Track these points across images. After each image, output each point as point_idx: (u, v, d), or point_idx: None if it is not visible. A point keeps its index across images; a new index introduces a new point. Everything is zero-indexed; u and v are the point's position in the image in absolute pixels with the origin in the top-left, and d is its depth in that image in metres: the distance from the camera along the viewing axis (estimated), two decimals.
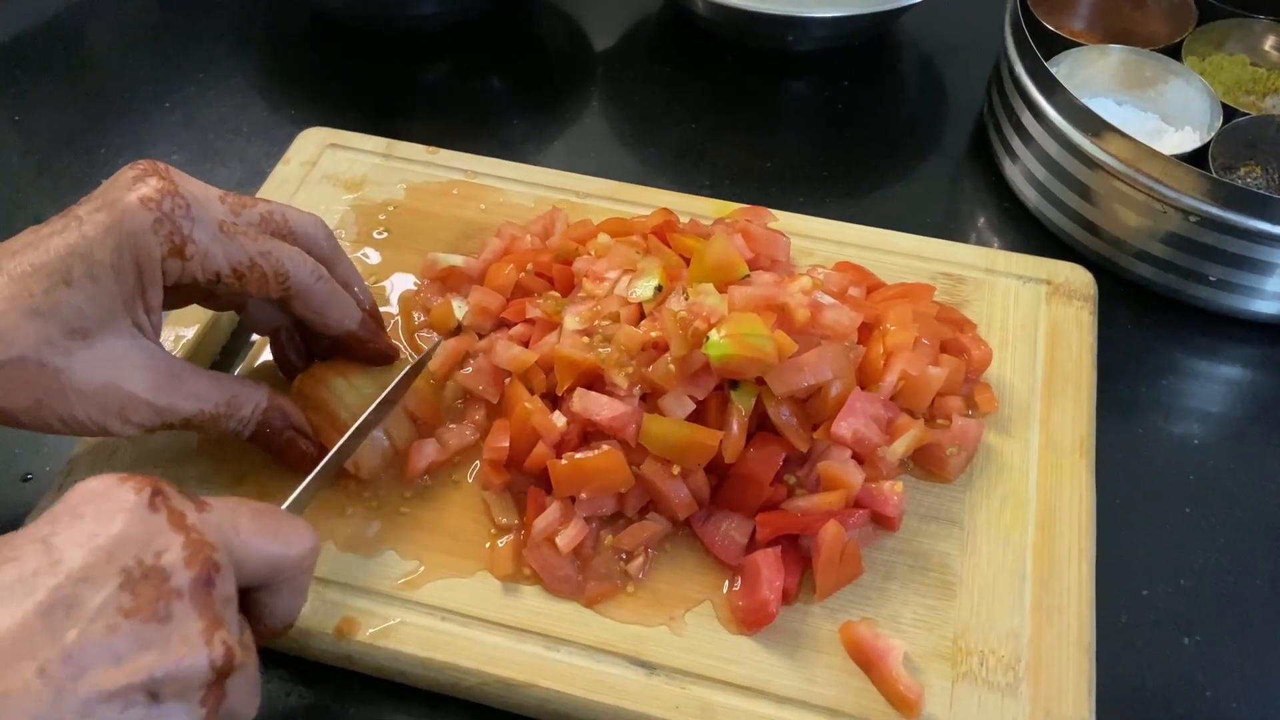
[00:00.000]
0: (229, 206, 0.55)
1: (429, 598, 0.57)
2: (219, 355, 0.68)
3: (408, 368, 0.62)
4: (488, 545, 0.59)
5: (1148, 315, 0.76)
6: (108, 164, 0.84)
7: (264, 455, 0.60)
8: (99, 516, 0.40)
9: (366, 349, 0.62)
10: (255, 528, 0.45)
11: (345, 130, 0.80)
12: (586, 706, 0.54)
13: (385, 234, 0.74)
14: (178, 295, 0.58)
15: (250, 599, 0.47)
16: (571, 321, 0.61)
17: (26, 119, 0.88)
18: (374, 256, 0.73)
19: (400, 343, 0.68)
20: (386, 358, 0.63)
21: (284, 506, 0.52)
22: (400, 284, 0.72)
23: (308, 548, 0.48)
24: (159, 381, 0.54)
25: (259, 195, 0.75)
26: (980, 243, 0.79)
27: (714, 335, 0.56)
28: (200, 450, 0.63)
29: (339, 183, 0.77)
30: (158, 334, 0.55)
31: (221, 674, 0.40)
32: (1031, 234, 0.81)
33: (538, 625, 0.56)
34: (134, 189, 0.51)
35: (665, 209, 0.72)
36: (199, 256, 0.53)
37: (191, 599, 0.40)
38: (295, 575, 0.48)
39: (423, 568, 0.58)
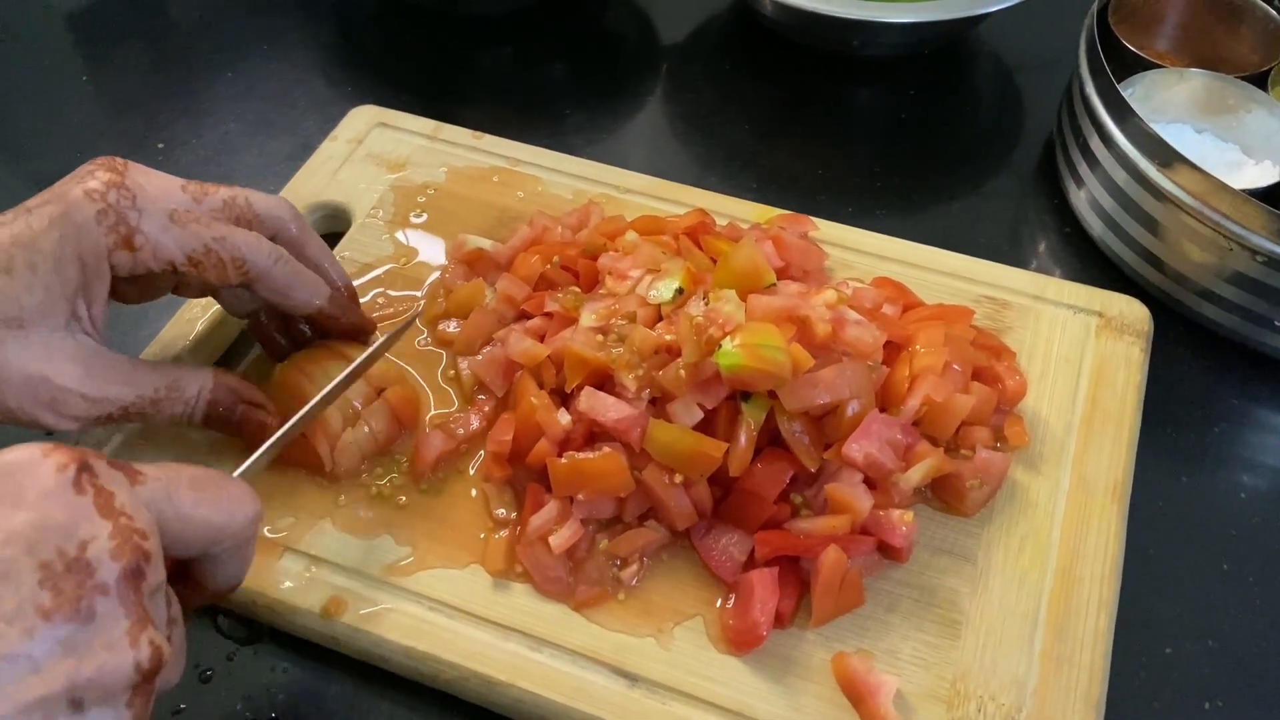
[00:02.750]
0: (190, 195, 0.55)
1: (419, 586, 0.56)
2: (228, 350, 0.68)
3: (381, 339, 0.61)
4: (483, 538, 0.58)
5: (1206, 357, 0.71)
6: (165, 129, 0.86)
7: None
8: (19, 498, 0.36)
9: (339, 325, 0.61)
10: (194, 499, 0.42)
11: (398, 110, 0.80)
12: (564, 713, 0.53)
13: (423, 216, 0.74)
14: (144, 287, 0.58)
15: (191, 566, 0.45)
16: (588, 318, 0.60)
17: (95, 79, 0.90)
18: (409, 237, 0.73)
19: (422, 328, 0.67)
20: (361, 332, 0.62)
21: (236, 474, 0.49)
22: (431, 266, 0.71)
23: (249, 515, 0.45)
24: (91, 373, 0.53)
25: (303, 170, 0.76)
26: (1038, 270, 0.76)
27: (727, 344, 0.55)
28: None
29: (382, 162, 0.77)
30: (98, 327, 0.54)
31: (148, 675, 0.37)
32: (1092, 264, 0.77)
33: (523, 624, 0.55)
34: (82, 182, 0.52)
35: (700, 209, 0.70)
36: (149, 247, 0.53)
37: (118, 595, 0.37)
38: (237, 543, 0.45)
39: (416, 555, 0.58)
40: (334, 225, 0.75)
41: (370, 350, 0.59)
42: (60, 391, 0.52)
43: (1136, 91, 0.77)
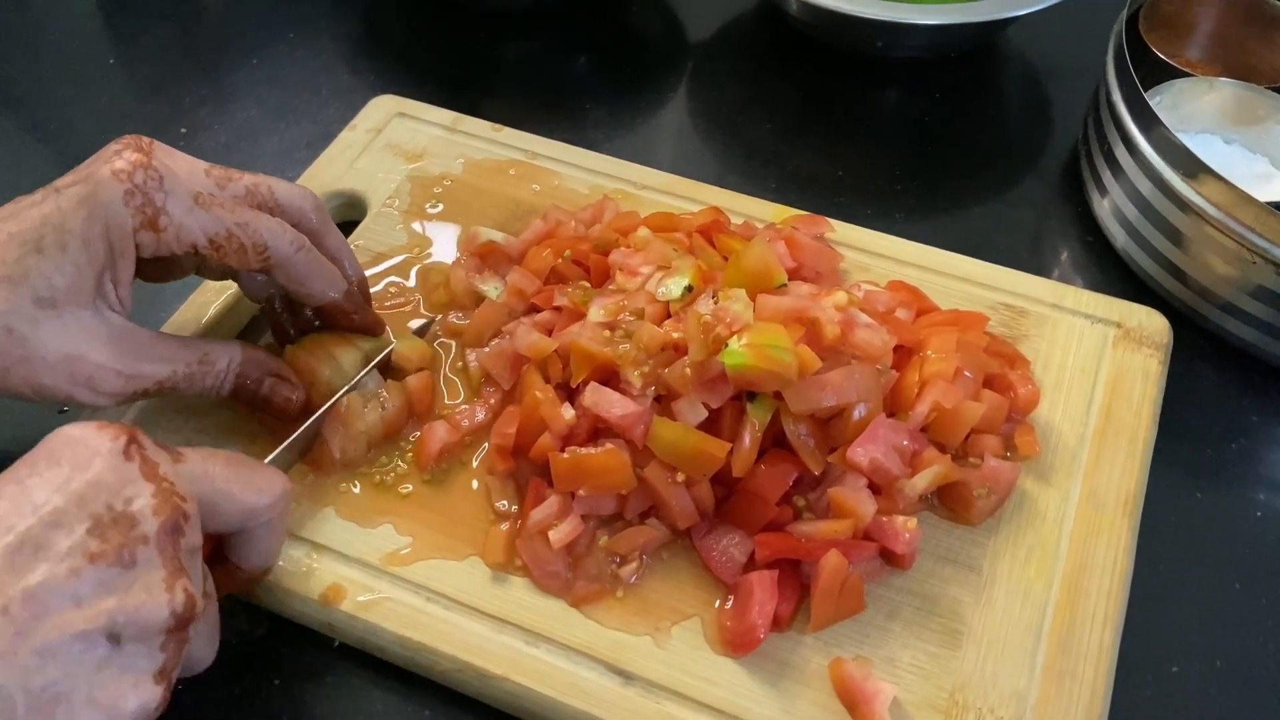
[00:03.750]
0: (214, 180, 0.56)
1: (418, 576, 0.56)
2: (239, 334, 0.68)
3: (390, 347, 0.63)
4: (484, 531, 0.58)
5: (1226, 372, 0.70)
6: (189, 113, 0.86)
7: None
8: (74, 462, 0.41)
9: (350, 320, 0.62)
10: (228, 476, 0.47)
11: (420, 101, 0.80)
12: (557, 708, 0.52)
13: (439, 207, 0.74)
14: (166, 267, 0.58)
15: (227, 544, 0.49)
16: (596, 313, 0.60)
17: (122, 62, 0.91)
18: (424, 228, 0.73)
19: (425, 315, 0.68)
20: (370, 330, 0.63)
21: (267, 461, 0.52)
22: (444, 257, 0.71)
23: (279, 494, 0.49)
24: (123, 351, 0.54)
25: (321, 158, 0.76)
26: (1059, 279, 0.74)
27: (733, 343, 0.54)
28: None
29: (400, 152, 0.77)
30: (125, 307, 0.55)
31: (182, 621, 0.41)
32: (1113, 274, 0.76)
33: (520, 618, 0.55)
34: (109, 162, 0.53)
35: (715, 207, 0.70)
36: (173, 228, 0.53)
37: (157, 547, 0.41)
38: (269, 521, 0.49)
39: (416, 545, 0.58)
40: (350, 214, 0.75)
41: (389, 349, 0.61)
42: (96, 369, 0.53)
43: (1164, 100, 0.76)
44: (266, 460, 0.53)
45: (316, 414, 0.58)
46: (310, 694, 0.56)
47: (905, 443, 0.57)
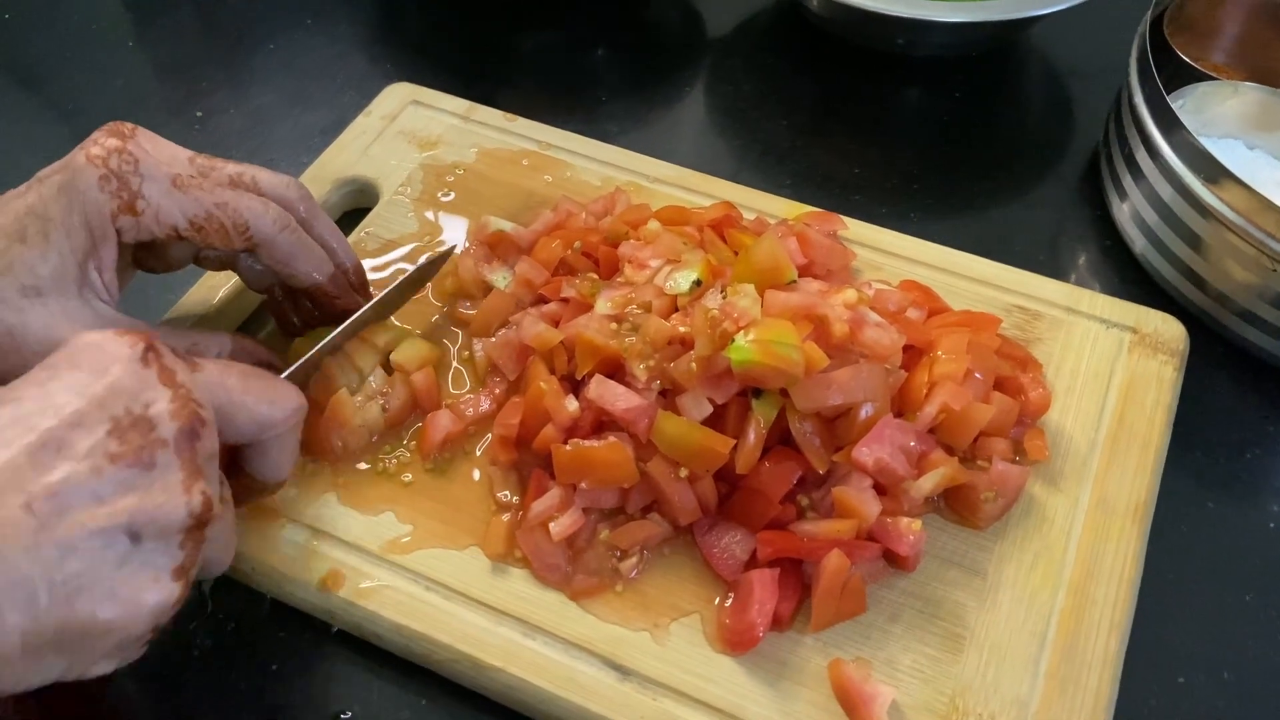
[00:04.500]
0: (197, 167, 0.56)
1: (417, 565, 0.56)
2: (243, 323, 0.68)
3: (408, 273, 0.63)
4: (485, 521, 0.58)
5: (1243, 381, 0.69)
6: (205, 97, 0.86)
7: None
8: (94, 367, 0.42)
9: (335, 304, 0.61)
10: (244, 387, 0.48)
11: (436, 90, 0.80)
12: (552, 701, 0.52)
13: (450, 195, 0.74)
14: (162, 257, 0.58)
15: (241, 455, 0.51)
16: (603, 306, 0.59)
17: (141, 45, 0.91)
18: (435, 216, 0.73)
19: (434, 302, 0.67)
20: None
21: (284, 375, 0.54)
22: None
23: (293, 407, 0.50)
24: None
25: (335, 144, 0.76)
26: (1076, 283, 0.73)
27: (740, 339, 0.54)
28: None
29: (414, 140, 0.77)
30: (112, 294, 0.55)
31: (200, 521, 0.43)
32: (1131, 280, 0.75)
33: (518, 610, 0.55)
34: (86, 149, 0.53)
35: (727, 202, 0.69)
36: (150, 210, 0.53)
37: (175, 449, 0.42)
38: (282, 434, 0.50)
39: (416, 533, 0.57)
40: (362, 200, 0.75)
41: (398, 282, 0.62)
42: None
43: (1187, 104, 0.75)
44: (282, 376, 0.54)
45: (337, 330, 0.59)
46: (307, 679, 0.55)
47: (912, 444, 0.56)
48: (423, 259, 0.64)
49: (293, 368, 0.56)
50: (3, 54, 0.91)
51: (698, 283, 0.59)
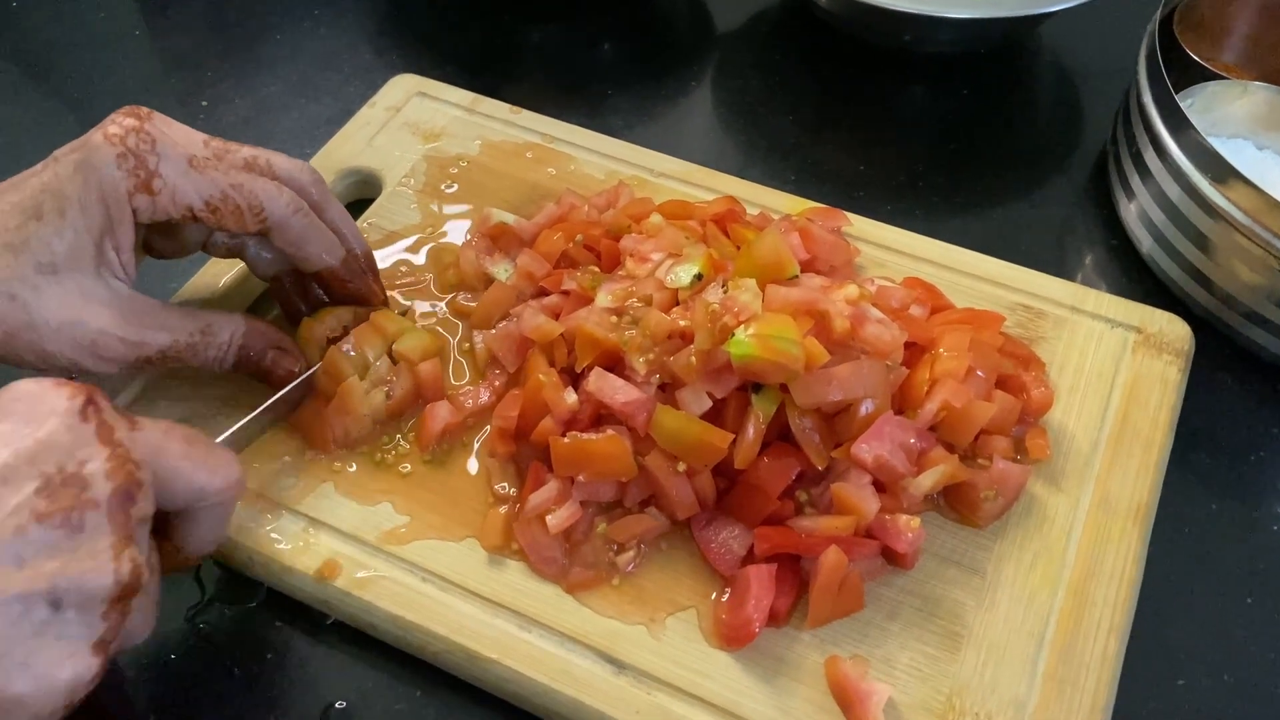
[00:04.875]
0: (212, 150, 0.56)
1: (414, 555, 0.56)
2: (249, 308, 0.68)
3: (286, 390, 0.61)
4: (482, 513, 0.58)
5: (1249, 383, 0.69)
6: (212, 86, 0.86)
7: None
8: (28, 417, 0.40)
9: (346, 288, 0.61)
10: (183, 452, 0.45)
11: (440, 81, 0.80)
12: (546, 694, 0.52)
13: (454, 187, 0.74)
14: (171, 238, 0.58)
15: (170, 524, 0.48)
16: (603, 299, 0.59)
17: (149, 34, 0.91)
18: (438, 208, 0.72)
19: (438, 295, 0.67)
20: (365, 300, 0.62)
21: (219, 440, 0.52)
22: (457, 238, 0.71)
23: (232, 480, 0.48)
24: (127, 317, 0.54)
25: (339, 135, 0.76)
26: (1082, 283, 0.73)
27: (740, 333, 0.53)
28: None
29: (418, 131, 0.77)
30: (129, 273, 0.55)
31: (127, 591, 0.40)
32: (1137, 280, 0.74)
33: (515, 603, 0.54)
34: (104, 128, 0.53)
35: (730, 197, 0.69)
36: (167, 191, 0.53)
37: (108, 513, 0.40)
38: (216, 506, 0.48)
39: (414, 524, 0.57)
40: (365, 191, 0.75)
41: (278, 395, 0.60)
42: (99, 335, 0.53)
43: (1196, 103, 0.74)
44: (220, 439, 0.53)
45: (278, 394, 0.58)
46: (302, 669, 0.55)
47: (912, 441, 0.56)
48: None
49: (230, 430, 0.56)
50: (11, 42, 0.91)
51: (699, 277, 0.58)
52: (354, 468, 0.59)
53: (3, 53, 0.91)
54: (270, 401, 0.58)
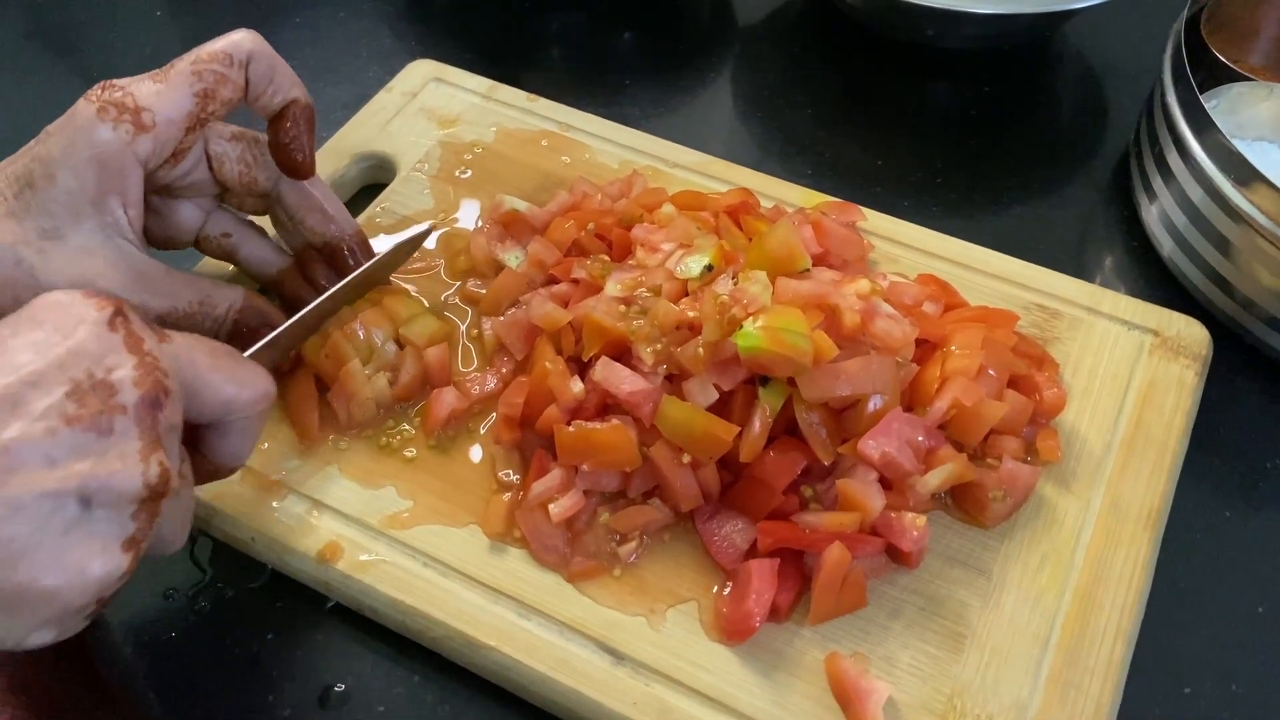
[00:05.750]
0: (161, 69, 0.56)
1: (416, 540, 0.56)
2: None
3: (401, 239, 0.63)
4: (486, 500, 0.57)
5: (1268, 390, 0.67)
6: None
7: None
8: (58, 326, 0.41)
9: (347, 266, 0.62)
10: (212, 364, 0.46)
11: (459, 67, 0.80)
12: (544, 683, 0.52)
13: (468, 174, 0.73)
14: (165, 219, 0.59)
15: (200, 436, 0.48)
16: (612, 287, 0.59)
17: (169, 13, 0.92)
18: (451, 194, 0.72)
19: (448, 282, 0.67)
20: (298, 170, 0.61)
21: (247, 354, 0.52)
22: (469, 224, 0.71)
23: (261, 392, 0.48)
24: (129, 279, 0.54)
25: (355, 119, 0.76)
26: (1100, 284, 0.72)
27: (748, 325, 0.53)
28: None
29: (434, 117, 0.76)
30: (137, 232, 0.55)
31: (155, 493, 0.41)
32: (1157, 283, 0.73)
33: (515, 590, 0.54)
34: (82, 98, 0.54)
35: (744, 189, 0.68)
36: (160, 115, 0.54)
37: (135, 417, 0.41)
38: (246, 418, 0.48)
39: (417, 509, 0.57)
40: (379, 176, 0.75)
41: (380, 256, 0.61)
42: None
43: (1221, 104, 0.73)
44: (247, 353, 0.52)
45: (295, 317, 0.57)
46: (301, 650, 0.55)
47: (920, 438, 0.55)
48: (402, 236, 0.63)
49: (258, 346, 0.54)
50: (33, 20, 0.92)
51: (709, 268, 0.58)
52: (359, 452, 0.59)
53: (25, 31, 0.91)
54: (296, 318, 0.57)
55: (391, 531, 0.56)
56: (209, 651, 0.55)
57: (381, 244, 0.68)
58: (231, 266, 0.65)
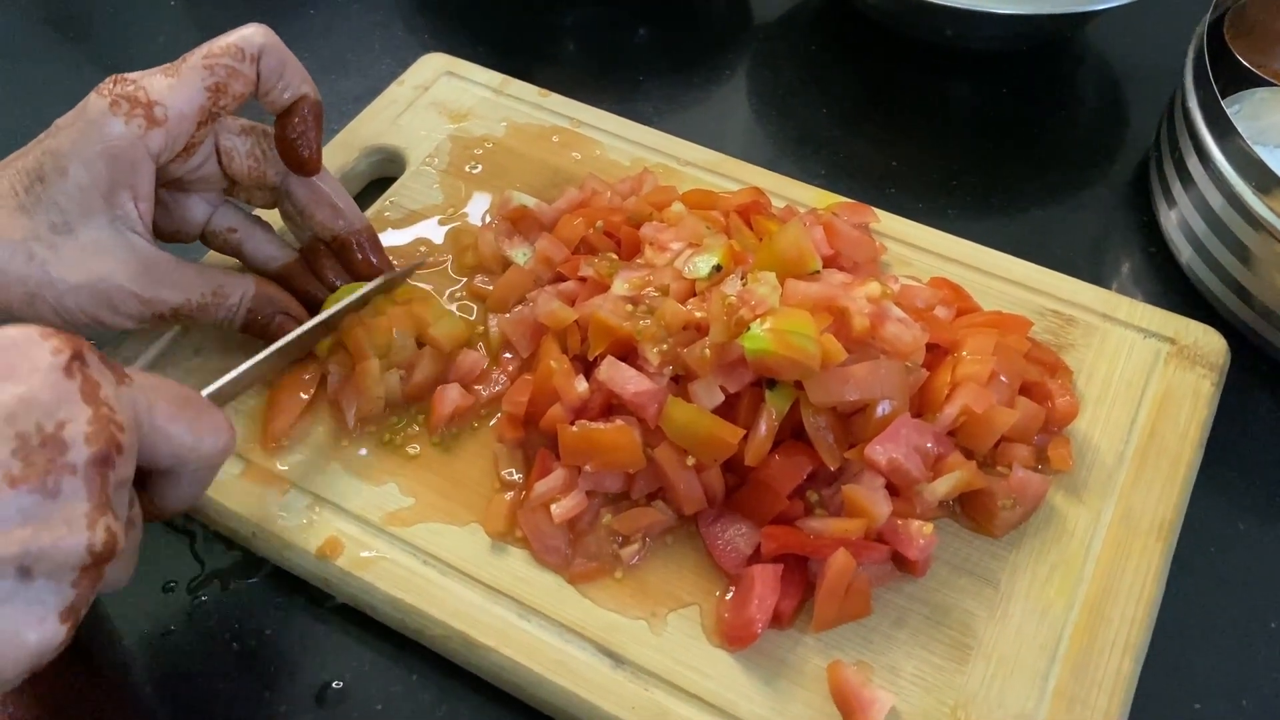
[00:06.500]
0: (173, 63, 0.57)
1: (416, 538, 0.55)
2: None
3: (387, 276, 0.62)
4: (488, 499, 0.57)
5: None
6: None
7: None
8: (9, 372, 0.38)
9: (359, 264, 0.62)
10: (172, 413, 0.43)
11: (471, 61, 0.79)
12: (542, 685, 0.51)
13: (477, 169, 0.73)
14: (172, 214, 0.59)
15: (149, 478, 0.46)
16: (620, 286, 0.58)
17: (182, 4, 0.92)
18: (460, 188, 0.72)
19: (455, 277, 0.67)
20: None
21: (205, 393, 0.50)
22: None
23: (221, 445, 0.46)
24: (141, 272, 0.54)
25: (365, 112, 0.76)
26: (1117, 291, 0.70)
27: (755, 327, 0.52)
28: None
29: (445, 111, 0.76)
30: (147, 225, 0.55)
31: (100, 559, 0.38)
32: (1174, 291, 0.72)
33: (515, 590, 0.54)
34: (94, 91, 0.54)
35: (755, 188, 0.68)
36: (172, 109, 0.54)
37: (85, 478, 0.38)
38: (201, 468, 0.46)
39: (418, 507, 0.57)
40: (389, 170, 0.74)
41: (375, 283, 0.61)
42: (115, 290, 0.54)
43: (1243, 110, 0.72)
44: (205, 392, 0.51)
45: (268, 350, 0.56)
46: (300, 647, 0.55)
47: (929, 445, 0.54)
48: (380, 281, 0.62)
49: (218, 384, 0.52)
50: (47, 8, 0.92)
51: (718, 268, 0.57)
52: (362, 448, 0.59)
53: (40, 17, 0.91)
54: (265, 354, 0.56)
55: (392, 528, 0.56)
56: (207, 646, 0.55)
57: (389, 239, 0.68)
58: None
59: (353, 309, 0.60)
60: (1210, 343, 0.64)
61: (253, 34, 0.57)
